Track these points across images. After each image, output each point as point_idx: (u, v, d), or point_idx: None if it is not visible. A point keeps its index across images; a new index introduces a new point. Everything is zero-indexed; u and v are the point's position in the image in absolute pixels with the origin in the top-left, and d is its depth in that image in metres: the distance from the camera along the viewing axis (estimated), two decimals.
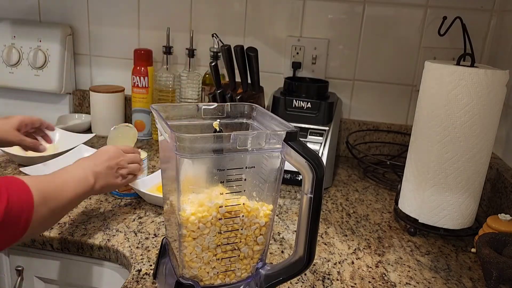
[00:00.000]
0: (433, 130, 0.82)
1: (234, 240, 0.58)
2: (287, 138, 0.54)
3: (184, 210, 0.54)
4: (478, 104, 0.78)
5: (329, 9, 1.26)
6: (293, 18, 1.28)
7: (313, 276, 0.73)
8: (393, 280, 0.73)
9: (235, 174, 0.55)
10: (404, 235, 0.88)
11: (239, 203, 0.56)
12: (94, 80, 1.46)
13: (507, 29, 1.11)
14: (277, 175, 0.58)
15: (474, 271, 0.77)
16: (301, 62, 1.30)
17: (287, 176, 1.07)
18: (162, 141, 0.63)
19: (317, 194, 0.53)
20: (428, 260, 0.80)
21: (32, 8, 1.42)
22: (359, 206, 1.00)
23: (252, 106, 0.65)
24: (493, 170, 1.00)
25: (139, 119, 1.34)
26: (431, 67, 0.82)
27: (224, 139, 0.52)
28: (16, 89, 1.42)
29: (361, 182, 1.15)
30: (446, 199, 0.83)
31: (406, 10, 1.22)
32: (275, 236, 0.84)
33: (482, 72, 0.76)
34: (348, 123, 1.32)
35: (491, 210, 0.98)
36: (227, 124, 0.64)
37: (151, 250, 0.76)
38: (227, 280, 0.60)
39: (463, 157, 0.80)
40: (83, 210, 0.88)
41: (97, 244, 0.77)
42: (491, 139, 0.81)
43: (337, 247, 0.82)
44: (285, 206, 0.97)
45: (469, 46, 0.85)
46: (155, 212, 0.89)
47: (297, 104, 1.13)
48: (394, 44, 1.25)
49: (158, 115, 0.58)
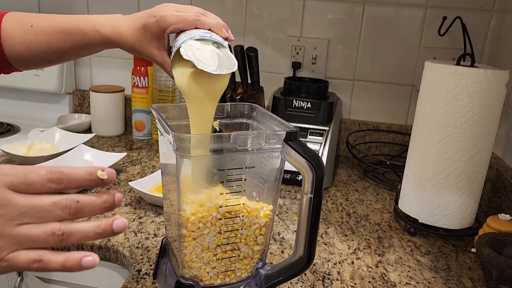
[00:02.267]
0: (433, 130, 0.82)
1: (234, 240, 0.58)
2: (287, 138, 0.54)
3: (184, 210, 0.54)
4: (478, 104, 0.78)
5: (329, 9, 1.26)
6: (293, 18, 1.28)
7: (313, 276, 0.73)
8: (393, 280, 0.73)
9: (235, 174, 0.55)
10: (404, 235, 0.88)
11: (239, 203, 0.56)
12: (94, 80, 1.46)
13: (507, 29, 1.11)
14: (277, 175, 0.58)
15: (474, 271, 0.77)
16: (301, 62, 1.30)
17: (287, 176, 1.07)
18: (162, 141, 0.63)
19: (317, 194, 0.53)
20: (428, 260, 0.80)
21: (32, 8, 1.42)
22: (359, 206, 1.00)
23: (252, 106, 0.65)
24: (493, 170, 1.00)
25: (139, 119, 1.34)
26: (431, 67, 0.82)
27: (224, 139, 0.52)
28: (16, 89, 1.42)
29: (361, 182, 1.15)
30: (446, 199, 0.83)
31: (406, 10, 1.22)
32: (275, 236, 0.84)
33: (482, 72, 0.76)
34: (348, 123, 1.32)
35: (491, 210, 0.98)
36: (227, 124, 0.64)
37: (151, 250, 0.76)
38: (227, 280, 0.60)
39: (463, 157, 0.80)
40: None
41: (97, 244, 0.77)
42: (491, 139, 0.81)
43: (337, 247, 0.82)
44: (285, 206, 0.97)
45: (469, 46, 0.85)
46: (155, 212, 0.89)
47: (297, 104, 1.13)
48: (394, 44, 1.25)
49: (158, 115, 0.58)
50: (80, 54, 0.72)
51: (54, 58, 0.71)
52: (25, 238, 0.39)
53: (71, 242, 0.40)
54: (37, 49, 0.69)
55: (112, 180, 0.42)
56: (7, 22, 0.69)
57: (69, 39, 0.68)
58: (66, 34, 0.68)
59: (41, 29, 0.68)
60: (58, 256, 0.40)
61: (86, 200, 0.41)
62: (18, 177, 0.39)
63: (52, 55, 0.70)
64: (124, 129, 1.41)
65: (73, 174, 0.40)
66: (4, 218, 0.38)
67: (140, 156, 1.20)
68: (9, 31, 0.68)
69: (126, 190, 0.98)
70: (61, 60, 0.73)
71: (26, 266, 0.39)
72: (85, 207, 0.41)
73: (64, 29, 0.68)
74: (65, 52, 0.69)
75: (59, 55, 0.70)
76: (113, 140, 1.33)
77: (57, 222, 0.40)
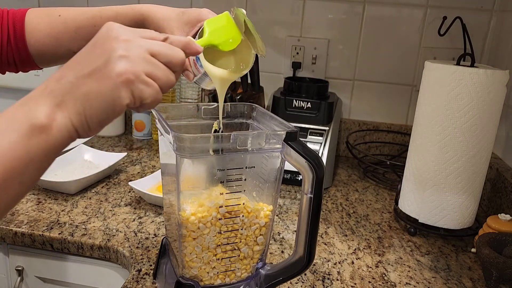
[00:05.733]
0: (433, 130, 0.82)
1: (234, 240, 0.58)
2: (287, 138, 0.54)
3: (184, 210, 0.54)
4: (478, 104, 0.77)
5: (329, 9, 1.26)
6: (293, 18, 1.28)
7: (313, 276, 0.73)
8: (393, 280, 0.73)
9: (235, 174, 0.55)
10: (404, 235, 0.88)
11: (239, 203, 0.56)
12: None
13: (507, 29, 1.11)
14: (277, 175, 0.58)
15: (474, 271, 0.77)
16: (301, 62, 1.30)
17: (287, 176, 1.07)
18: (162, 141, 0.63)
19: (317, 194, 0.53)
20: (428, 260, 0.80)
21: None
22: (359, 206, 1.00)
23: (252, 106, 0.65)
24: (493, 170, 1.00)
25: (139, 119, 1.34)
26: (431, 67, 0.82)
27: (224, 139, 0.52)
28: (16, 89, 1.42)
29: (361, 182, 1.15)
30: (446, 199, 0.83)
31: (406, 10, 1.22)
32: (275, 236, 0.84)
33: (482, 72, 0.76)
34: (348, 123, 1.32)
35: (491, 210, 0.98)
36: (227, 124, 0.64)
37: (151, 250, 0.76)
38: (227, 280, 0.60)
39: (463, 157, 0.80)
40: (83, 210, 0.88)
41: (97, 244, 0.77)
42: (491, 139, 0.81)
43: (337, 247, 0.82)
44: (285, 206, 0.97)
45: (469, 46, 0.85)
46: (155, 212, 0.89)
47: (297, 104, 1.13)
48: (394, 44, 1.25)
49: (158, 115, 0.58)
50: None
51: (80, 49, 0.71)
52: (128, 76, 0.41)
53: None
54: (65, 38, 0.68)
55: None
56: (32, 17, 0.69)
57: (100, 22, 0.67)
58: (97, 18, 0.67)
59: (70, 17, 0.68)
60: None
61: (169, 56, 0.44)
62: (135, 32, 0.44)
63: (78, 44, 0.68)
64: (124, 129, 1.41)
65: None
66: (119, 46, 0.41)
67: (140, 156, 1.20)
68: (35, 25, 0.68)
69: (126, 190, 0.98)
70: None
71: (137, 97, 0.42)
72: (172, 62, 0.45)
73: (95, 13, 0.68)
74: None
75: (86, 44, 0.70)
76: (113, 140, 1.33)
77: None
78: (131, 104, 0.42)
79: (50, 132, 0.39)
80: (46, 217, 0.85)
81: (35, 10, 0.70)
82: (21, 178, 0.39)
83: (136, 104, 0.42)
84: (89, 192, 0.96)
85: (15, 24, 0.68)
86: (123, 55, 0.41)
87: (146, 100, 0.42)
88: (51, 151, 0.40)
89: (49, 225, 0.82)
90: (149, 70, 0.42)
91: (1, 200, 0.38)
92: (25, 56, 0.69)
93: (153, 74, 0.42)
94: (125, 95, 0.41)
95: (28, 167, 0.39)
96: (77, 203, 0.91)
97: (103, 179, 1.03)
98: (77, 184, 0.94)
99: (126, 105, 0.41)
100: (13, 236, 0.81)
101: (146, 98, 0.42)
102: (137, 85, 0.41)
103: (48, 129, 0.39)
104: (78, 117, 0.40)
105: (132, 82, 0.41)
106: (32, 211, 0.87)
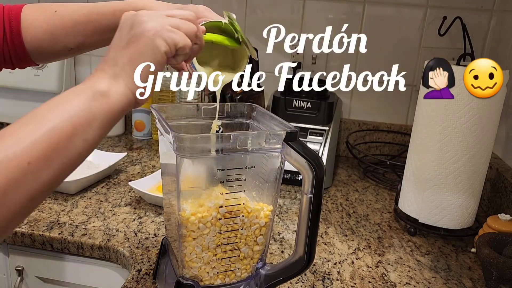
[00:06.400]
0: (433, 130, 0.82)
1: (234, 240, 0.58)
2: (287, 138, 0.54)
3: (184, 210, 0.54)
4: (478, 104, 0.78)
5: (329, 9, 1.26)
6: (293, 18, 1.28)
7: (313, 276, 0.73)
8: (393, 280, 0.73)
9: (235, 174, 0.55)
10: (404, 235, 0.88)
11: (239, 203, 0.56)
12: None
13: (507, 29, 1.11)
14: (277, 175, 0.58)
15: (474, 271, 0.77)
16: (301, 62, 1.30)
17: (287, 176, 1.07)
18: (162, 141, 0.63)
19: (317, 194, 0.53)
20: (428, 260, 0.80)
21: None
22: (359, 206, 1.00)
23: (252, 106, 0.65)
24: (493, 170, 1.00)
25: (139, 119, 1.34)
26: None
27: (224, 139, 0.52)
28: (16, 89, 1.42)
29: (361, 182, 1.15)
30: (446, 199, 0.83)
31: (406, 10, 1.22)
32: (275, 236, 0.84)
33: None
34: (348, 123, 1.32)
35: (491, 210, 0.98)
36: (227, 124, 0.64)
37: (151, 250, 0.76)
38: (227, 280, 0.60)
39: (463, 157, 0.80)
40: (83, 210, 0.88)
41: (97, 244, 0.77)
42: (491, 139, 0.81)
43: (337, 247, 0.82)
44: (285, 206, 0.97)
45: (469, 46, 0.85)
46: (155, 212, 0.89)
47: (297, 104, 1.12)
48: (394, 44, 1.25)
49: (158, 115, 0.58)
50: (103, 37, 0.71)
51: (76, 45, 0.70)
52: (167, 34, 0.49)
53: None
54: (61, 34, 0.69)
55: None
56: (28, 13, 0.68)
57: (96, 19, 0.68)
58: (94, 13, 0.68)
59: (67, 13, 0.68)
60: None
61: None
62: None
63: (75, 40, 0.69)
64: (124, 129, 1.41)
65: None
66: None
67: (140, 156, 1.20)
68: (31, 21, 0.68)
69: (126, 190, 0.98)
70: (82, 48, 0.72)
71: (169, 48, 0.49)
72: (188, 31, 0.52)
73: (92, 9, 0.68)
74: (89, 35, 0.69)
75: (81, 40, 0.69)
76: (113, 140, 1.33)
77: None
78: (169, 52, 0.49)
79: (110, 96, 0.46)
80: (46, 217, 0.85)
81: (31, 6, 0.69)
82: (84, 135, 0.45)
83: (172, 51, 0.49)
84: (89, 192, 0.96)
85: (11, 20, 0.68)
86: (148, 20, 0.49)
87: (179, 44, 0.49)
88: (112, 113, 0.47)
89: (49, 225, 0.82)
90: (172, 22, 0.50)
91: (67, 157, 0.45)
92: (22, 52, 0.69)
93: (175, 25, 0.50)
94: (160, 43, 0.48)
95: (91, 126, 0.45)
96: (77, 203, 0.91)
97: (103, 179, 1.03)
98: (77, 184, 0.94)
99: (165, 52, 0.48)
100: (13, 236, 0.81)
101: (178, 41, 0.49)
102: (167, 33, 0.49)
103: (108, 94, 0.46)
104: (130, 79, 0.48)
105: (162, 32, 0.48)
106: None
